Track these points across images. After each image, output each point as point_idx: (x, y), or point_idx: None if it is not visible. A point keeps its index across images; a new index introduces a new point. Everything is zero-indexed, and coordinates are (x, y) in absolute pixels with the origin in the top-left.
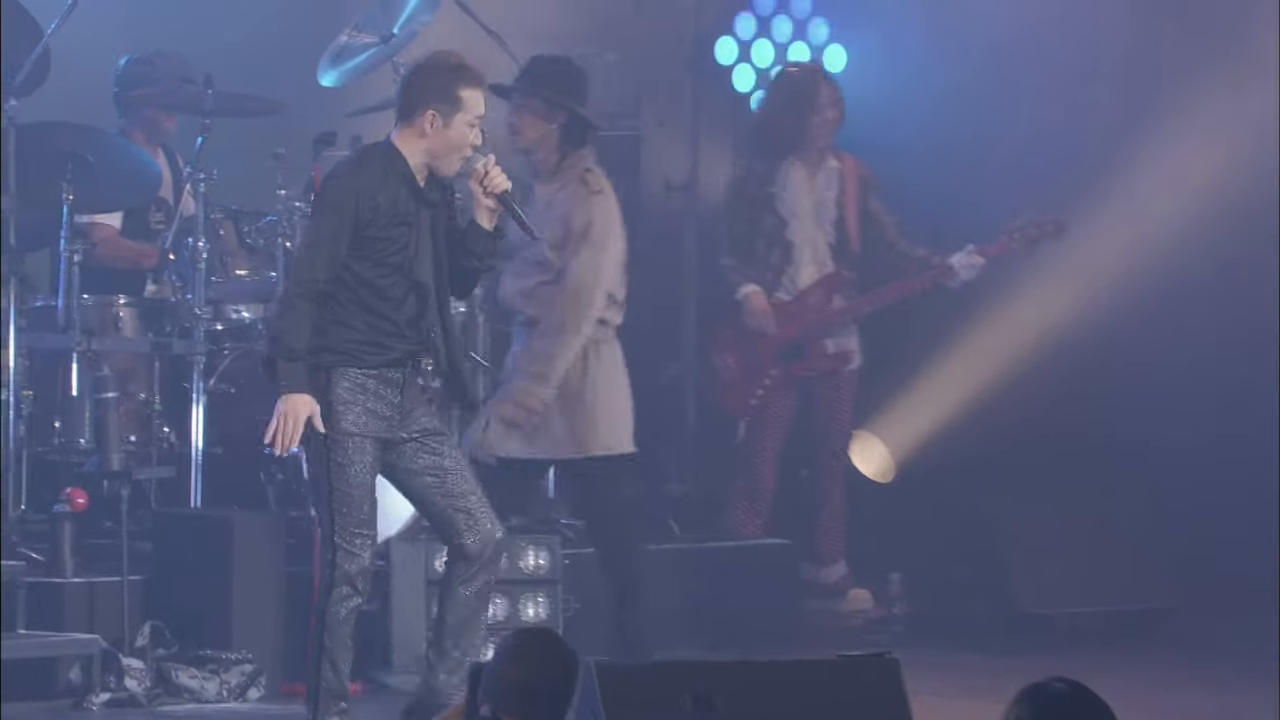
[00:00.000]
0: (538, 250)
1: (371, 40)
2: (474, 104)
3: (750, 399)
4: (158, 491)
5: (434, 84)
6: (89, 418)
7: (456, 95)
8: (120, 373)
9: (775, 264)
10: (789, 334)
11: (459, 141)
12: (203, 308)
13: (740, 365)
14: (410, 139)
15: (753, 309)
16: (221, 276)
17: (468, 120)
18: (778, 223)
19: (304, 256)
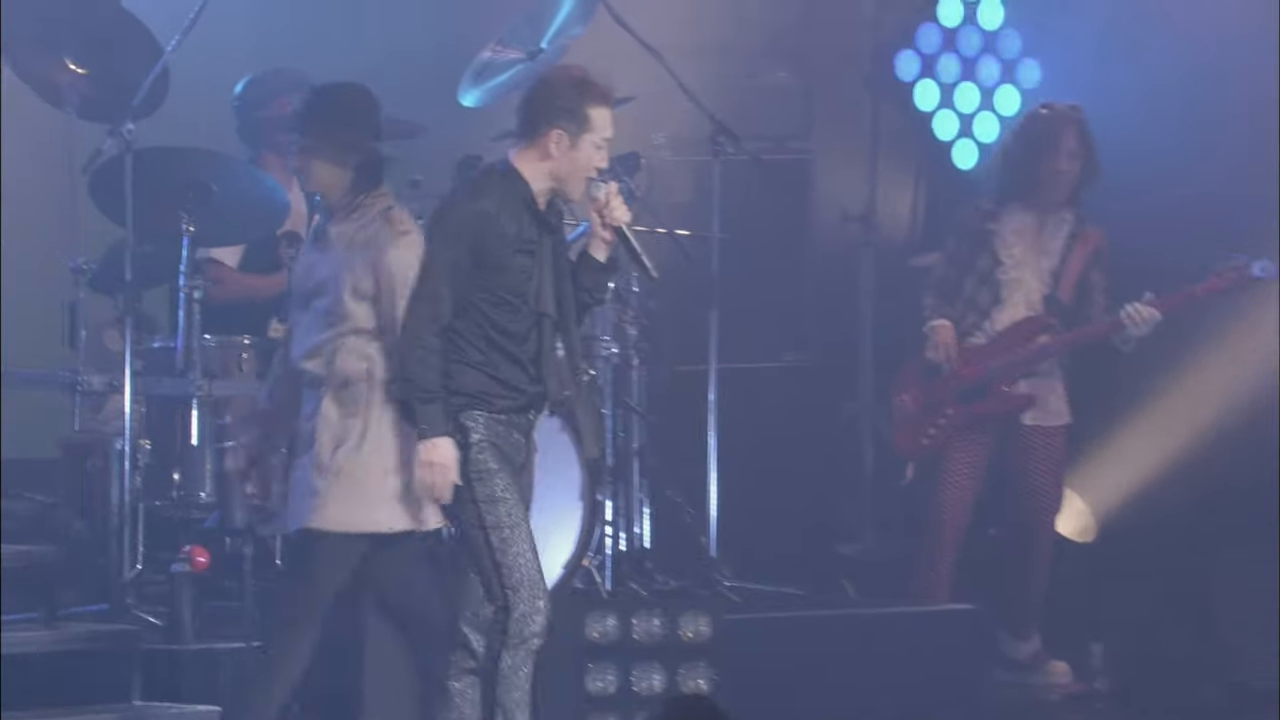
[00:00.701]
0: (331, 300)
1: (517, 56)
2: (602, 124)
3: (922, 438)
4: (284, 549)
5: (560, 102)
6: (210, 469)
7: (584, 114)
8: (244, 420)
9: (981, 304)
10: (973, 373)
11: (585, 164)
12: None
13: (917, 403)
14: (531, 160)
15: (937, 341)
16: None
17: (595, 141)
18: (992, 263)
19: (425, 290)
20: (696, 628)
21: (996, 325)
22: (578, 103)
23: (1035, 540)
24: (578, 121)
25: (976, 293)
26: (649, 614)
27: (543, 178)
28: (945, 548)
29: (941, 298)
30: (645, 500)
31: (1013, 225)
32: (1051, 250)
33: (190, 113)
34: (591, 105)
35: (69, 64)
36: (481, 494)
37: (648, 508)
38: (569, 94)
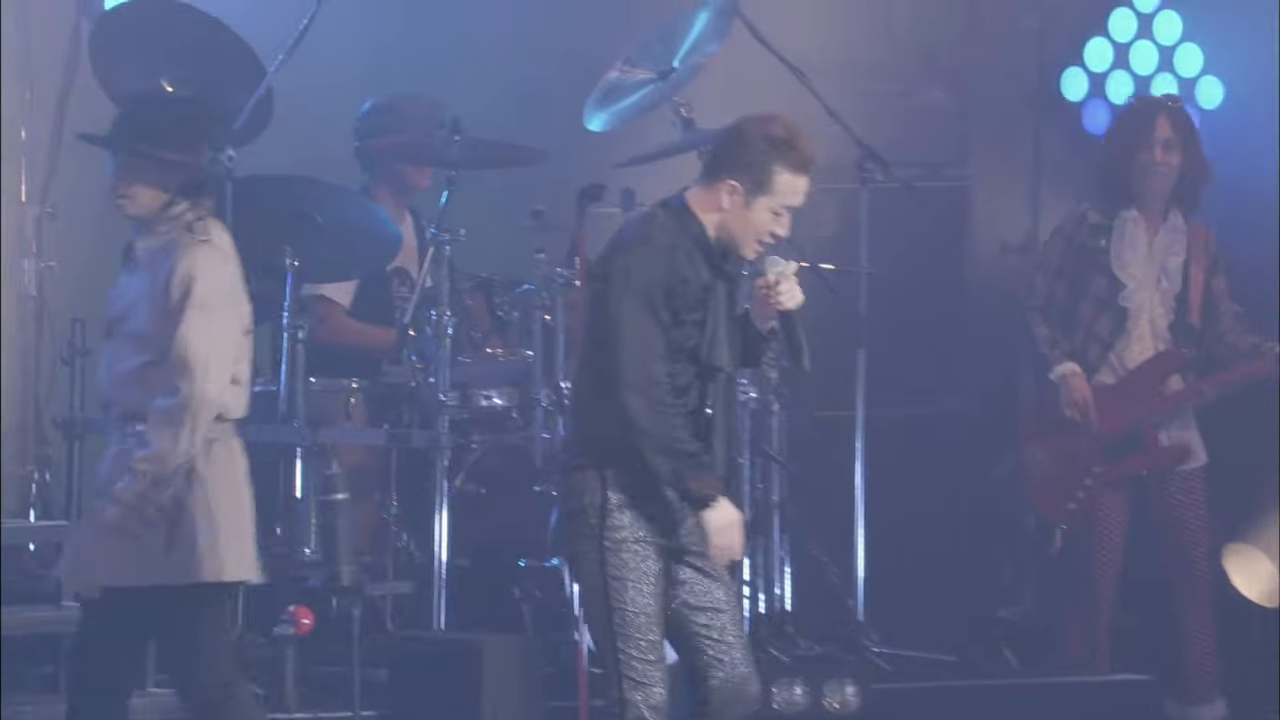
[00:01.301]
0: (139, 322)
1: (647, 76)
2: (787, 191)
3: (1069, 502)
4: (394, 611)
5: (745, 154)
6: (315, 523)
7: (769, 175)
8: (351, 470)
9: (1103, 336)
10: (1115, 425)
11: (757, 228)
12: (448, 393)
13: (1055, 461)
14: (706, 203)
15: (1071, 395)
16: (470, 356)
17: (773, 206)
18: (1112, 286)
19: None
20: (842, 697)
21: (1125, 360)
22: (763, 160)
23: (1195, 594)
24: (757, 180)
25: (1096, 321)
26: (790, 682)
27: (714, 225)
28: (1101, 612)
29: (1055, 326)
30: (786, 557)
31: (1126, 240)
32: (1171, 268)
33: (295, 139)
34: (781, 168)
35: (165, 85)
36: (610, 556)
37: (789, 566)
38: (757, 148)
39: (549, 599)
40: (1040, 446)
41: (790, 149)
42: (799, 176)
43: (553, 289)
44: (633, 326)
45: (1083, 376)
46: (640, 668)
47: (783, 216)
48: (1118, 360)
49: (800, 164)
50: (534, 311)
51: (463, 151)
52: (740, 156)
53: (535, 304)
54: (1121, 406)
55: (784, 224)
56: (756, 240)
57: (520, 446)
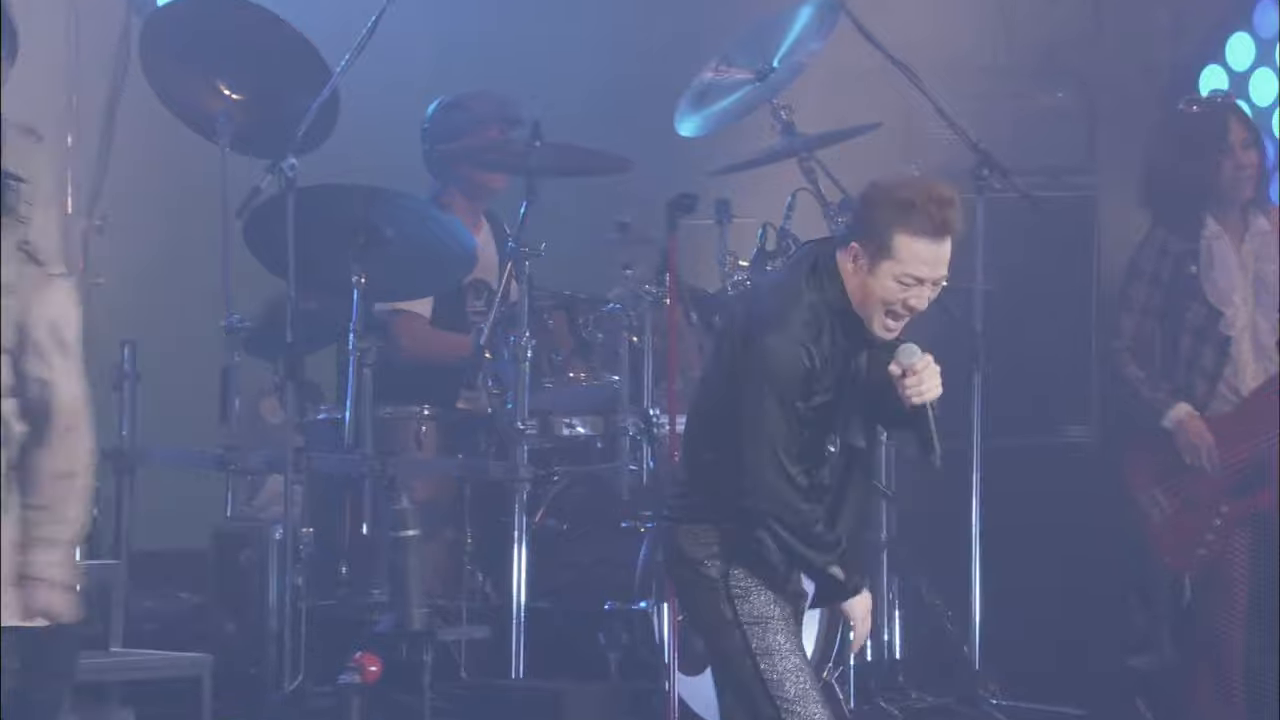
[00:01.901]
0: None
1: (744, 76)
2: (912, 259)
3: (1198, 548)
4: (469, 657)
5: (869, 213)
6: (383, 562)
7: (889, 239)
8: (424, 504)
9: (1208, 369)
10: (1236, 457)
11: (881, 296)
12: (527, 420)
13: (1176, 503)
14: (845, 265)
15: (1190, 440)
16: (551, 380)
17: (897, 275)
18: (1209, 314)
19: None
20: None
21: (1238, 388)
22: (886, 221)
23: None
24: (878, 243)
25: (1199, 354)
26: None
27: (852, 289)
28: (1236, 668)
29: (1151, 366)
30: (895, 600)
31: (1216, 262)
32: (1268, 277)
33: (362, 146)
34: (904, 233)
35: (222, 89)
36: (745, 614)
37: (898, 609)
38: (880, 207)
39: (636, 644)
40: (1158, 489)
41: (915, 211)
42: (925, 242)
43: (640, 308)
44: (767, 421)
45: (1198, 419)
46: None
47: (913, 289)
48: (1229, 390)
49: (927, 229)
50: (620, 332)
51: (543, 158)
52: (865, 216)
53: (621, 324)
54: (1243, 437)
55: (917, 297)
56: (885, 311)
57: (605, 479)
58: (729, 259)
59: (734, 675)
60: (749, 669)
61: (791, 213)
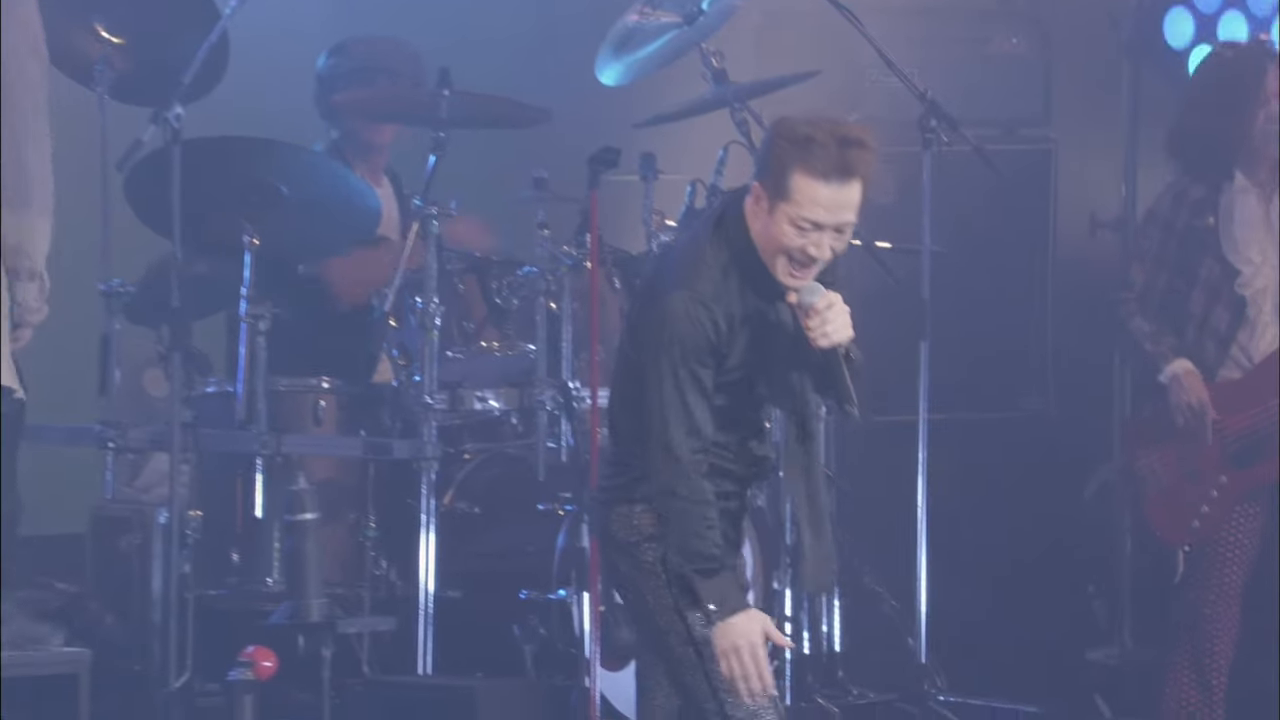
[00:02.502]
0: None
1: (671, 20)
2: (808, 202)
3: (1192, 519)
4: (372, 651)
5: (771, 150)
6: (278, 549)
7: (787, 179)
8: (322, 485)
9: (1220, 330)
10: (1241, 426)
11: (780, 241)
12: (435, 394)
13: (1173, 471)
14: (750, 207)
15: (1184, 397)
16: (461, 350)
17: (792, 217)
18: (1223, 271)
19: (665, 429)
20: None
21: (1252, 353)
22: (784, 160)
23: None
24: (776, 184)
25: (1210, 313)
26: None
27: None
28: (1219, 656)
29: (1159, 320)
30: (835, 589)
31: (1237, 217)
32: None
33: (255, 95)
34: (800, 173)
35: (100, 31)
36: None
37: (838, 598)
38: (780, 145)
39: (554, 637)
40: (1155, 456)
41: (814, 148)
42: (823, 184)
43: (559, 271)
44: (669, 392)
45: (1198, 375)
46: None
47: (811, 234)
48: (1242, 354)
49: (825, 169)
50: (537, 298)
51: (452, 108)
52: (764, 157)
53: (538, 289)
54: (1249, 404)
55: (815, 244)
56: (786, 258)
57: (520, 458)
58: (655, 218)
59: (676, 667)
60: (691, 659)
61: (723, 168)
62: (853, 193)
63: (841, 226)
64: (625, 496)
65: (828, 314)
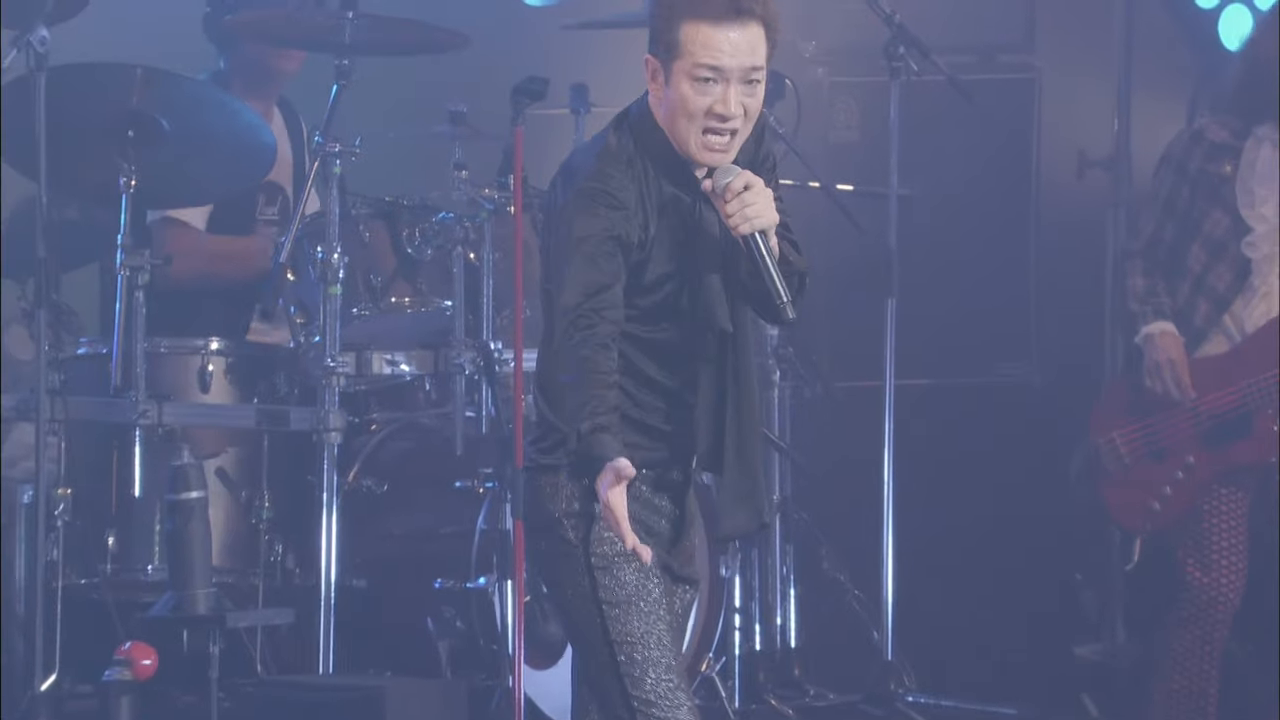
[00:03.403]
0: None
1: None
2: (699, 46)
3: (1152, 501)
4: (267, 648)
5: (654, 14)
6: (159, 532)
7: (675, 34)
8: (209, 461)
9: (1217, 290)
10: (1220, 402)
11: (684, 109)
12: (338, 357)
13: (1135, 449)
14: (652, 93)
15: (1157, 358)
16: (368, 308)
17: (689, 71)
18: (1231, 226)
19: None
20: None
21: (1244, 324)
22: (669, 17)
23: None
24: (667, 46)
25: (1209, 271)
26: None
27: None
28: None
29: (1157, 276)
30: (791, 576)
31: (1257, 168)
32: None
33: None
34: (687, 19)
35: None
36: (605, 590)
37: (794, 586)
38: (659, 6)
39: (474, 631)
40: (1118, 431)
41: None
42: (712, 25)
43: (479, 218)
44: (574, 268)
45: (1175, 336)
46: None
47: (714, 87)
48: (1233, 323)
49: (713, 12)
50: (454, 248)
51: (357, 32)
52: (652, 20)
53: (456, 238)
54: (1232, 379)
55: (722, 100)
56: (698, 132)
57: (435, 429)
58: None
59: (589, 663)
60: (605, 658)
61: None
62: (752, 34)
63: (748, 75)
64: (552, 465)
65: (747, 195)
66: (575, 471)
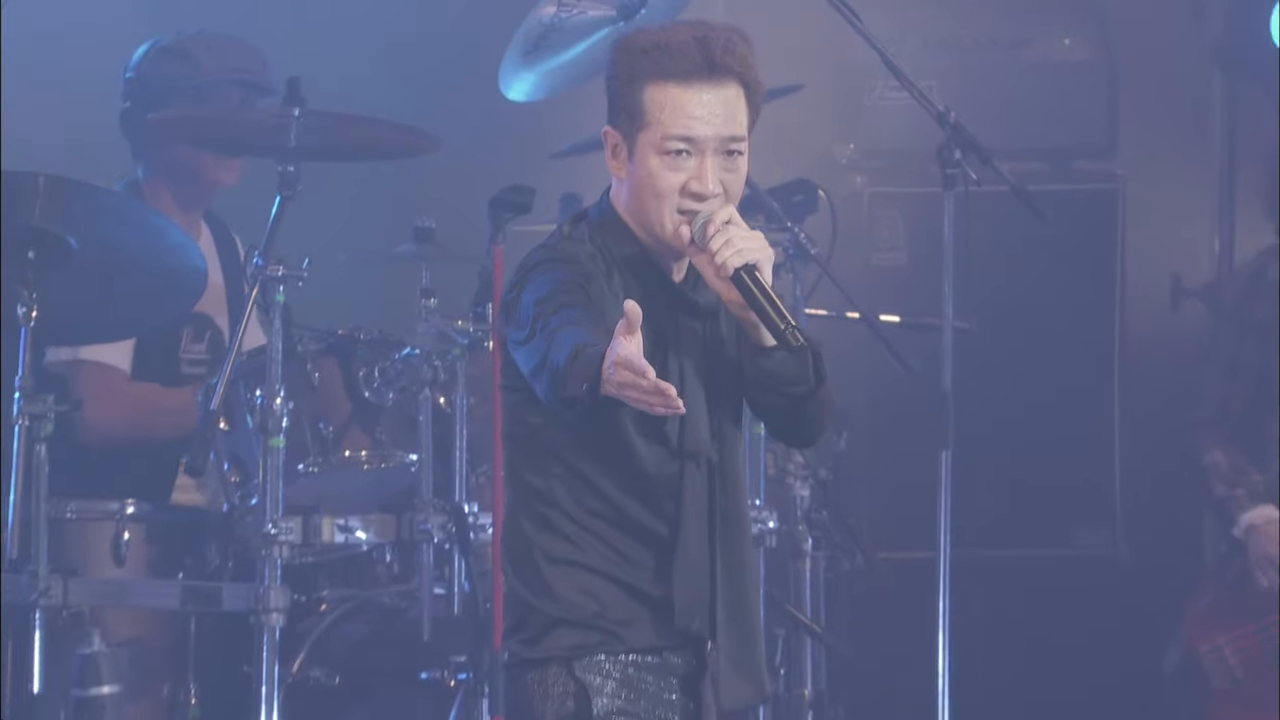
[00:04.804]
0: None
1: (601, 14)
2: (667, 113)
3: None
4: None
5: (612, 78)
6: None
7: (638, 100)
8: (126, 647)
9: None
10: None
11: (653, 188)
12: (280, 522)
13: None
14: (614, 177)
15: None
16: (317, 463)
17: (657, 144)
18: None
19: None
20: None
21: None
22: (630, 80)
23: None
24: (629, 114)
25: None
26: None
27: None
28: None
29: (1238, 448)
30: None
31: None
32: None
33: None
34: (650, 81)
35: None
36: None
37: None
38: (621, 64)
39: None
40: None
41: (664, 52)
42: (681, 86)
43: (450, 355)
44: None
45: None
46: None
47: (688, 161)
48: None
49: (682, 67)
50: (421, 391)
51: (306, 134)
52: (610, 84)
53: (423, 379)
54: None
55: (697, 176)
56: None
57: (397, 609)
58: None
59: None
60: None
61: None
62: (729, 96)
63: (727, 146)
64: (540, 658)
65: (731, 228)
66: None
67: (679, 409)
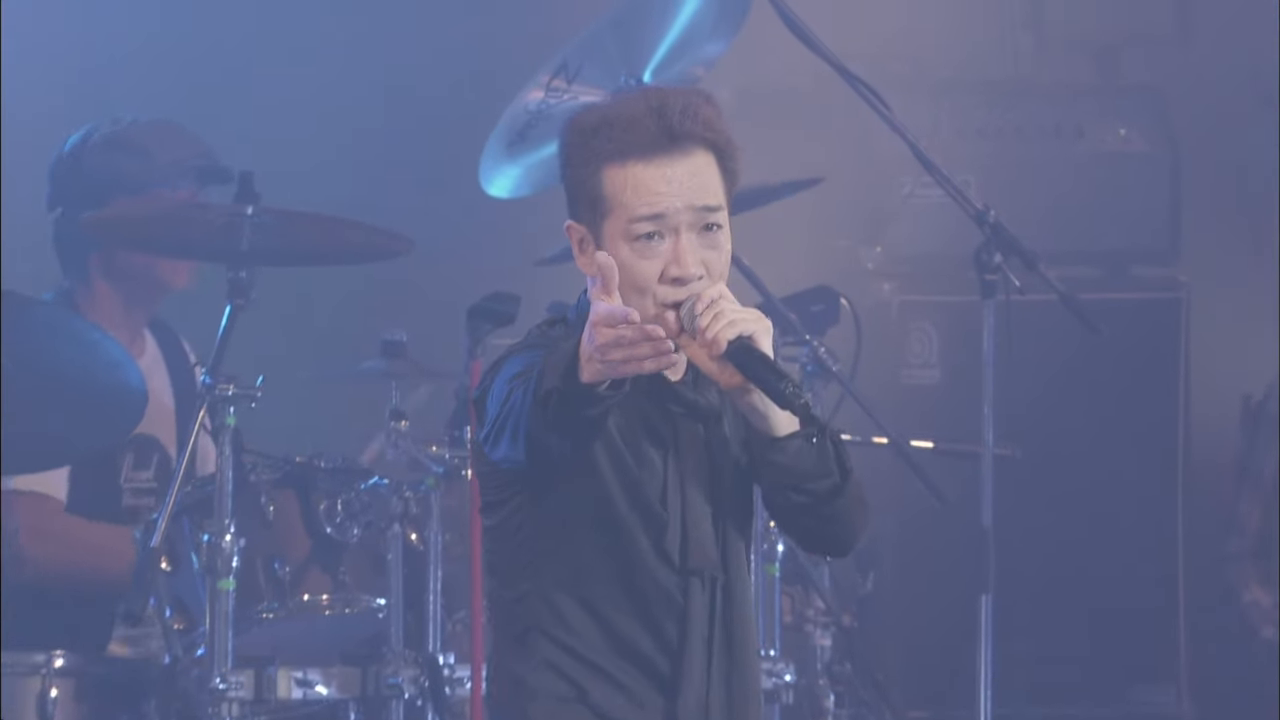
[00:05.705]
0: None
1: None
2: (630, 193)
3: None
4: None
5: (564, 164)
6: None
7: (597, 185)
8: None
9: None
10: None
11: (630, 281)
12: (229, 676)
13: None
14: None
15: None
16: (272, 608)
17: (624, 231)
18: None
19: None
20: None
21: None
22: (581, 164)
23: None
24: (590, 202)
25: None
26: None
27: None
28: None
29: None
30: None
31: None
32: None
33: None
34: (608, 165)
35: None
36: None
37: None
38: (572, 148)
39: None
40: None
41: (618, 128)
42: (640, 164)
43: (423, 486)
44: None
45: None
46: None
47: (661, 244)
48: None
49: (639, 145)
50: (389, 526)
51: (259, 234)
52: (564, 172)
53: (392, 513)
54: None
55: (676, 260)
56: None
57: None
58: None
59: None
60: None
61: None
62: (698, 164)
63: (703, 220)
64: None
65: (721, 302)
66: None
67: (673, 360)
